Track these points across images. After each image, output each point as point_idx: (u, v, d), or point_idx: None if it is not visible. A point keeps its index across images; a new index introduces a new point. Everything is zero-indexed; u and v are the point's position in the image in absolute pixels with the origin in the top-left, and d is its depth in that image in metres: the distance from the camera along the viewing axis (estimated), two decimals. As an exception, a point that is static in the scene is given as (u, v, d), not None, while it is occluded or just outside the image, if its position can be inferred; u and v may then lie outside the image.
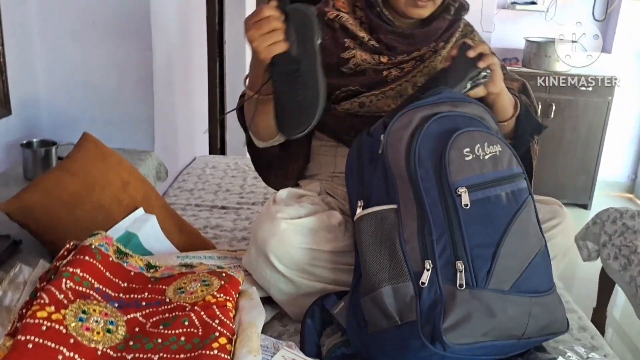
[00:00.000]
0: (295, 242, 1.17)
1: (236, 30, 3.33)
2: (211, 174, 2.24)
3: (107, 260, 1.03)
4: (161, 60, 1.97)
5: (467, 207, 1.03)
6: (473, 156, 1.08)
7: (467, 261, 1.01)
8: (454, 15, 1.38)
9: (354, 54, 1.32)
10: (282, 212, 1.20)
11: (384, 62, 1.32)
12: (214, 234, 1.77)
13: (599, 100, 3.36)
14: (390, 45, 1.32)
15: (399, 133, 1.13)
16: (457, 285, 1.00)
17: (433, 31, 1.35)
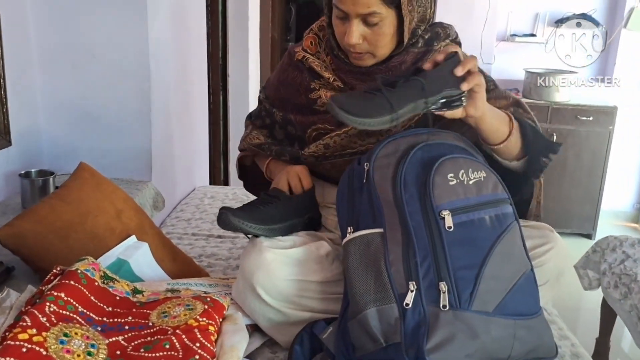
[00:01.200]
0: (282, 274, 1.17)
1: (239, 64, 3.39)
2: (209, 204, 2.26)
3: (92, 285, 1.04)
4: (159, 92, 2.01)
5: (451, 230, 1.05)
6: (457, 181, 1.10)
7: (450, 282, 1.02)
8: (424, 47, 1.32)
9: (319, 94, 1.34)
10: (267, 242, 1.21)
11: None
12: (209, 263, 1.77)
13: (600, 130, 3.37)
14: (351, 84, 1.32)
15: (385, 159, 1.16)
16: (440, 307, 1.00)
17: (394, 66, 1.30)
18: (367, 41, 1.23)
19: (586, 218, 3.50)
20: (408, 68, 1.28)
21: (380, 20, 1.21)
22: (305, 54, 1.37)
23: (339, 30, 1.25)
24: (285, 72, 1.43)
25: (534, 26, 3.57)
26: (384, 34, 1.23)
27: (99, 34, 1.91)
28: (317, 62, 1.35)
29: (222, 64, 3.30)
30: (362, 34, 1.22)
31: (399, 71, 1.29)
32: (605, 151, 3.39)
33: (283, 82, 1.42)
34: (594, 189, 3.46)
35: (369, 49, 1.25)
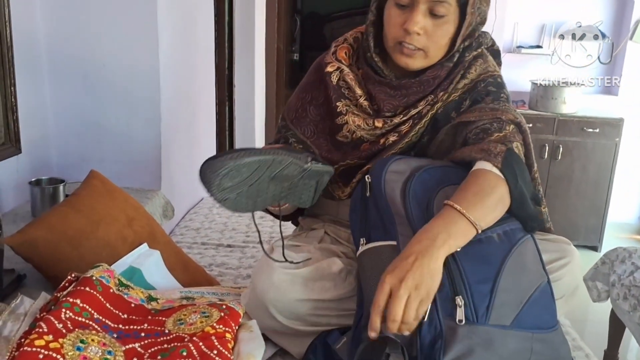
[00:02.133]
0: (295, 294, 1.15)
1: (245, 75, 3.40)
2: (218, 214, 2.25)
3: (107, 292, 1.03)
4: (169, 100, 2.02)
5: (459, 249, 1.03)
6: None
7: (466, 296, 1.01)
8: (457, 60, 1.23)
9: (347, 119, 1.24)
10: (281, 262, 1.19)
11: (379, 127, 1.22)
12: (219, 272, 1.76)
13: (606, 142, 3.37)
14: (379, 99, 1.22)
15: (395, 175, 1.17)
16: (457, 321, 0.99)
17: (427, 81, 1.21)
18: (427, 35, 1.15)
19: (592, 230, 3.49)
20: (441, 83, 1.22)
21: (446, 14, 1.14)
22: (340, 64, 1.27)
23: (394, 22, 1.16)
24: (309, 90, 1.32)
25: (540, 38, 3.58)
26: (446, 31, 1.16)
27: (110, 44, 1.92)
28: (351, 75, 1.25)
29: (229, 74, 3.32)
30: (424, 26, 1.14)
31: (433, 85, 1.22)
32: (612, 163, 3.39)
33: (306, 103, 1.31)
34: (600, 201, 3.45)
35: (425, 45, 1.16)
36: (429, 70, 1.21)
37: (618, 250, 2.33)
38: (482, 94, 1.23)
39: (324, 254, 1.28)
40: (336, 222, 1.39)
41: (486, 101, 1.22)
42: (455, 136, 1.24)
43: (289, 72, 4.26)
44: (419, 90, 1.21)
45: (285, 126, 1.34)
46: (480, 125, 1.18)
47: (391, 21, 1.16)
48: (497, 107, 1.20)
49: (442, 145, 1.24)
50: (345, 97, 1.25)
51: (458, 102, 1.24)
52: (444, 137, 1.24)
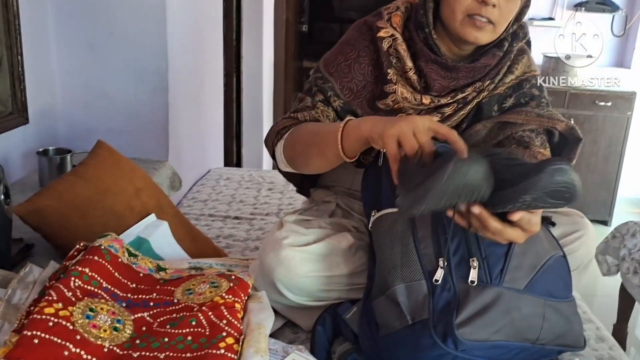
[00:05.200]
0: (304, 270, 1.14)
1: (254, 46, 3.35)
2: (225, 185, 2.24)
3: (116, 261, 1.03)
4: (176, 70, 1.99)
5: None
6: None
7: (481, 258, 1.01)
8: (507, 49, 1.23)
9: (395, 89, 1.19)
10: (289, 238, 1.16)
11: (425, 104, 1.20)
12: (227, 244, 1.76)
13: (618, 116, 3.32)
14: (430, 77, 1.18)
15: None
16: (469, 282, 1.00)
17: (479, 68, 1.20)
18: (500, 8, 1.11)
19: (602, 204, 3.46)
20: (489, 72, 1.21)
21: None
22: (394, 32, 1.21)
23: None
24: (356, 48, 1.23)
25: (552, 10, 3.51)
26: (514, 6, 1.14)
27: (117, 12, 1.88)
28: (404, 45, 1.20)
29: (236, 45, 3.28)
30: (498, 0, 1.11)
31: (482, 73, 1.21)
32: (623, 137, 3.35)
33: (350, 59, 1.23)
34: (611, 175, 3.42)
35: (497, 19, 1.12)
36: (483, 58, 1.19)
37: (629, 224, 2.31)
38: (526, 97, 1.25)
39: (335, 229, 1.27)
40: (350, 194, 1.37)
41: (531, 105, 1.24)
42: (492, 131, 1.24)
43: (298, 44, 4.21)
44: (469, 75, 1.20)
45: (323, 78, 1.24)
46: (527, 130, 1.21)
47: None
48: (542, 114, 1.22)
49: (476, 135, 1.24)
50: (393, 66, 1.21)
51: (502, 96, 1.25)
52: (480, 128, 1.23)
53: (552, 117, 1.23)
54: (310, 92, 1.25)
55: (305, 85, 1.29)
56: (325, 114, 1.22)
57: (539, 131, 1.24)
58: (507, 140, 1.23)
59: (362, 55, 1.22)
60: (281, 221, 1.27)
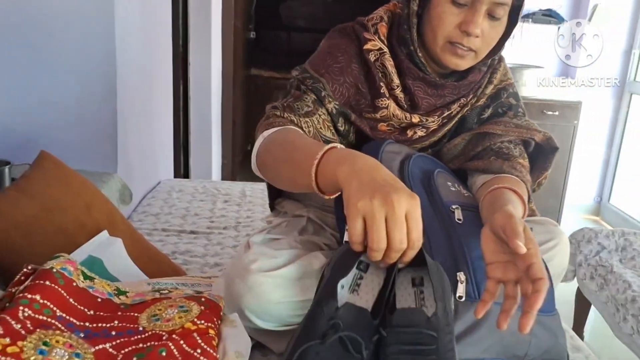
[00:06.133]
0: (275, 297, 1.03)
1: (201, 53, 3.24)
2: (178, 198, 2.12)
3: (70, 286, 0.91)
4: (125, 75, 1.86)
5: (461, 222, 1.04)
6: (455, 189, 1.13)
7: (469, 272, 0.98)
8: (490, 63, 1.21)
9: (388, 104, 1.14)
10: (257, 262, 1.05)
11: (414, 122, 1.17)
12: (184, 260, 1.65)
13: (565, 125, 3.40)
14: (417, 96, 1.14)
15: (391, 155, 1.14)
16: (457, 297, 0.96)
17: (465, 85, 1.18)
18: (483, 37, 1.08)
19: (551, 211, 3.53)
20: (475, 87, 1.19)
21: (503, 15, 1.08)
22: (382, 45, 1.14)
23: (449, 20, 1.06)
24: (347, 53, 1.15)
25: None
26: (498, 33, 1.10)
27: (59, 11, 1.74)
28: (392, 61, 1.14)
29: (183, 51, 3.15)
30: (482, 28, 1.06)
31: (468, 89, 1.19)
32: (570, 146, 3.43)
33: (342, 62, 1.15)
34: (559, 182, 3.50)
35: (479, 47, 1.09)
36: (470, 75, 1.17)
37: (584, 231, 2.34)
38: (504, 106, 1.24)
39: (306, 247, 1.18)
40: (323, 208, 1.30)
41: (509, 115, 1.23)
42: (470, 143, 1.22)
43: (246, 52, 4.12)
44: (455, 92, 1.17)
45: (312, 78, 1.13)
46: (505, 141, 1.19)
47: (446, 19, 1.07)
48: (520, 124, 1.21)
49: (454, 148, 1.23)
50: (385, 80, 1.15)
51: (481, 107, 1.23)
52: (459, 142, 1.23)
53: (530, 128, 1.22)
54: (299, 89, 1.14)
55: (289, 87, 1.18)
56: (326, 125, 1.13)
57: (516, 142, 1.22)
58: (485, 152, 1.20)
59: (353, 61, 1.15)
60: (248, 242, 1.16)
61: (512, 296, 0.88)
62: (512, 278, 0.88)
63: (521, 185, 1.14)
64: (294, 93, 1.14)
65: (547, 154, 1.25)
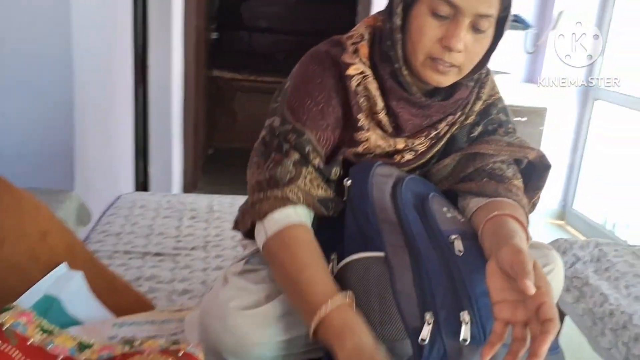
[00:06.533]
0: (256, 338, 0.94)
1: (162, 55, 3.07)
2: (140, 215, 1.98)
3: (24, 345, 0.79)
4: (84, 83, 1.70)
5: (462, 254, 0.96)
6: (451, 215, 1.05)
7: (473, 312, 0.89)
8: (477, 78, 1.13)
9: (368, 136, 1.07)
10: (235, 299, 0.96)
11: (400, 149, 1.10)
12: (150, 287, 1.52)
13: (532, 130, 3.39)
14: (402, 118, 1.06)
15: (382, 179, 1.06)
16: (461, 340, 0.87)
17: (452, 103, 1.10)
18: (467, 53, 1.00)
19: (518, 217, 3.52)
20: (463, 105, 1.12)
21: (488, 28, 0.99)
22: (364, 67, 1.06)
23: (430, 34, 0.98)
24: (325, 88, 1.06)
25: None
26: (483, 47, 1.02)
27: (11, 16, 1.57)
28: (375, 84, 1.05)
29: (142, 54, 2.99)
30: (465, 42, 0.99)
31: (455, 107, 1.11)
32: (537, 151, 3.42)
33: (322, 103, 1.05)
34: (525, 188, 3.48)
35: (462, 62, 1.01)
36: (456, 93, 1.09)
37: (559, 242, 2.31)
38: (494, 123, 1.17)
39: None
40: None
41: (499, 133, 1.16)
42: (460, 164, 1.14)
43: (209, 53, 3.97)
44: (441, 111, 1.09)
45: (295, 130, 1.04)
46: (498, 162, 1.12)
47: (426, 33, 0.98)
48: (512, 142, 1.14)
49: (444, 169, 1.15)
50: (362, 109, 1.06)
51: (471, 125, 1.15)
52: (449, 162, 1.14)
53: (523, 146, 1.15)
54: (281, 150, 1.04)
55: (270, 139, 1.07)
56: (315, 184, 1.04)
57: (509, 161, 1.15)
58: (477, 173, 1.12)
59: (332, 96, 1.05)
60: (225, 275, 1.07)
61: (520, 338, 0.82)
62: (522, 319, 0.82)
63: (519, 210, 1.07)
64: (275, 157, 1.03)
65: (540, 171, 1.19)
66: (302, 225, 1.00)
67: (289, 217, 0.99)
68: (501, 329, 0.83)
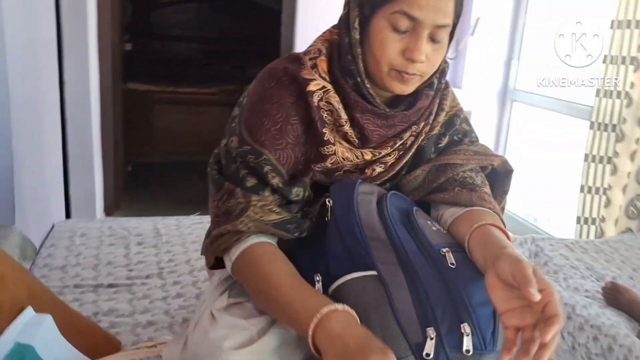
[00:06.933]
0: None
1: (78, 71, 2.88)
2: (83, 244, 1.83)
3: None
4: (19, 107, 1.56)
5: (454, 267, 0.96)
6: (436, 228, 1.06)
7: (472, 323, 0.90)
8: (436, 87, 1.14)
9: (335, 150, 1.06)
10: (229, 338, 0.92)
11: (367, 160, 1.10)
12: (111, 322, 1.42)
13: (458, 133, 3.50)
14: (367, 129, 1.06)
15: (367, 196, 1.06)
16: (464, 351, 0.88)
17: (415, 112, 1.10)
18: (427, 62, 1.01)
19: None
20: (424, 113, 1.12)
21: (445, 37, 1.00)
22: (325, 82, 1.04)
23: (392, 48, 0.99)
24: (283, 107, 1.04)
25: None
26: (442, 54, 1.03)
27: None
28: (337, 97, 1.04)
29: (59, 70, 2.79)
30: (426, 53, 0.99)
31: (418, 116, 1.10)
32: (463, 153, 3.53)
33: (280, 121, 1.04)
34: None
35: (424, 71, 1.02)
36: (418, 102, 1.09)
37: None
38: (459, 133, 1.20)
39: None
40: None
41: (465, 142, 1.19)
42: (430, 174, 1.16)
43: (124, 65, 3.78)
44: (405, 120, 1.09)
45: (254, 152, 1.03)
46: (467, 170, 1.14)
47: (388, 46, 0.99)
48: (479, 151, 1.17)
49: (414, 180, 1.17)
50: (326, 124, 1.05)
51: (437, 135, 1.17)
52: (419, 173, 1.16)
53: (488, 154, 1.19)
54: (237, 177, 1.03)
55: (226, 162, 1.06)
56: (267, 209, 1.03)
57: (476, 169, 1.18)
58: (449, 182, 1.14)
59: (291, 114, 1.04)
60: (211, 313, 1.02)
61: (530, 339, 0.83)
62: (530, 322, 0.84)
63: (497, 217, 1.10)
64: (227, 187, 1.03)
65: (504, 176, 1.23)
66: (263, 242, 1.01)
67: (248, 241, 1.00)
68: (513, 335, 0.84)
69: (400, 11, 0.95)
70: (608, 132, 2.60)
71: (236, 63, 5.41)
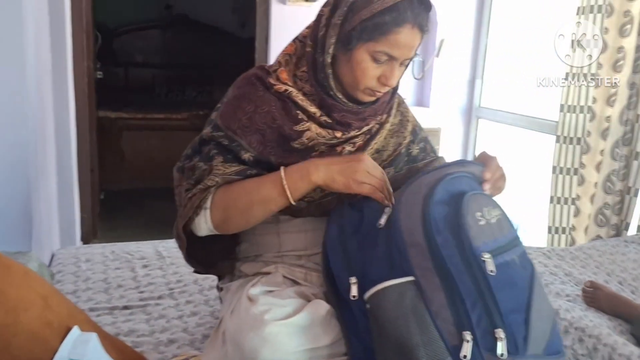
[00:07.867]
0: (291, 347, 1.04)
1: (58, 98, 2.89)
2: (89, 269, 1.86)
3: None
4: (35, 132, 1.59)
5: (493, 274, 0.99)
6: (484, 221, 1.07)
7: (505, 328, 0.97)
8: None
9: (309, 126, 1.22)
10: (270, 312, 1.07)
11: (338, 137, 1.24)
12: (134, 342, 1.45)
13: (430, 150, 3.63)
14: (344, 122, 1.24)
15: (412, 199, 1.09)
16: (498, 355, 0.95)
17: (379, 106, 1.29)
18: (394, 79, 1.22)
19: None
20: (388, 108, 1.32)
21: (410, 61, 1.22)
22: (287, 87, 1.23)
23: (370, 74, 1.18)
24: (252, 101, 1.23)
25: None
26: (403, 73, 1.25)
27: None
28: (300, 95, 1.23)
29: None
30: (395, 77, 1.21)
31: (382, 109, 1.29)
32: (433, 169, 3.67)
33: (249, 112, 1.22)
34: (425, 204, 3.71)
35: (392, 84, 1.22)
36: (382, 97, 1.27)
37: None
38: (422, 141, 1.41)
39: (303, 298, 1.19)
40: (282, 256, 1.30)
41: (428, 150, 1.42)
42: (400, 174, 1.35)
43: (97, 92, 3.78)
44: (373, 114, 1.28)
45: (227, 137, 1.22)
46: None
47: (367, 73, 1.18)
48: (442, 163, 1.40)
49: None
50: (301, 110, 1.23)
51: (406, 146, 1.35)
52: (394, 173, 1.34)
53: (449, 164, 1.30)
54: (205, 155, 1.23)
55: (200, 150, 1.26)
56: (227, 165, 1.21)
57: None
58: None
59: (259, 105, 1.22)
60: (248, 296, 1.16)
61: None
62: None
63: None
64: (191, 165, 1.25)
65: None
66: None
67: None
68: None
69: (382, 51, 1.15)
70: (574, 144, 2.76)
71: (201, 88, 5.47)
